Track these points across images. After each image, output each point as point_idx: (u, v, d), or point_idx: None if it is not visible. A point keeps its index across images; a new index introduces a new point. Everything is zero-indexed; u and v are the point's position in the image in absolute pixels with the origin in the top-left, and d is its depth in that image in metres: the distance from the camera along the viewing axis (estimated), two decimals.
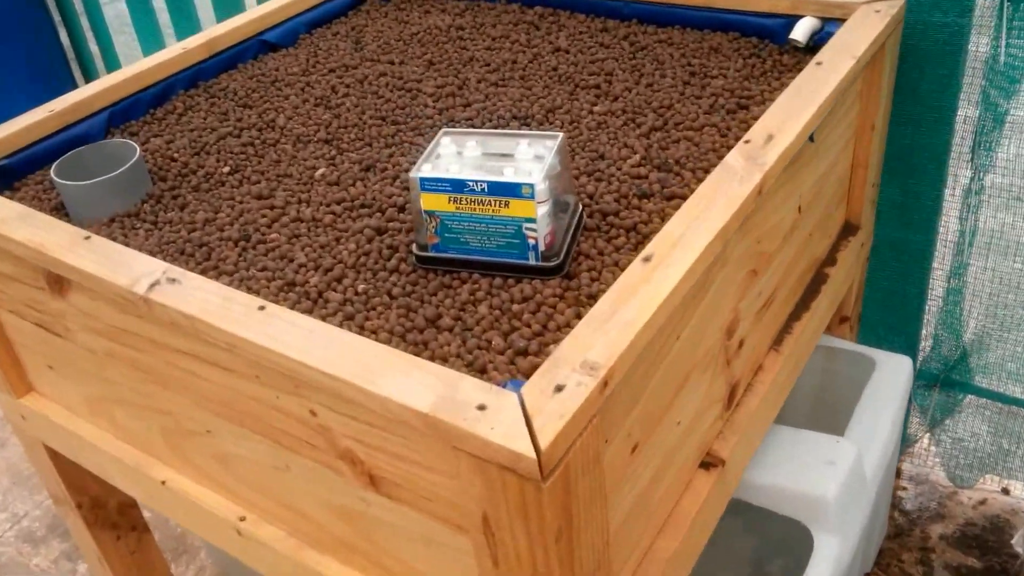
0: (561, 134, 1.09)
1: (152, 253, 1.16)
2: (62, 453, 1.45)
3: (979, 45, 1.43)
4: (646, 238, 1.09)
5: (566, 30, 1.61)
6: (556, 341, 0.95)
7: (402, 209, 1.20)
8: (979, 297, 1.69)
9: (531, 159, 1.06)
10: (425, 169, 1.05)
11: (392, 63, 1.59)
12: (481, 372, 0.94)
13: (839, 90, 1.22)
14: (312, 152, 1.37)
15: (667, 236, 0.98)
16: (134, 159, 1.26)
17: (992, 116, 1.45)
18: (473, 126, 1.38)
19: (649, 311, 0.88)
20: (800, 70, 1.38)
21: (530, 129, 1.35)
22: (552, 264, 1.04)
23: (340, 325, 1.01)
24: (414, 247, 1.10)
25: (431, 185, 1.03)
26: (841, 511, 1.35)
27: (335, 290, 1.08)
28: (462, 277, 1.07)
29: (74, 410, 1.36)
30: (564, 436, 0.77)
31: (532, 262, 1.04)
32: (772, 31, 1.48)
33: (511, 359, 0.95)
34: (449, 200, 1.03)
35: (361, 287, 1.07)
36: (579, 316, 0.99)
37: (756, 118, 1.28)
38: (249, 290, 1.08)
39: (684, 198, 1.15)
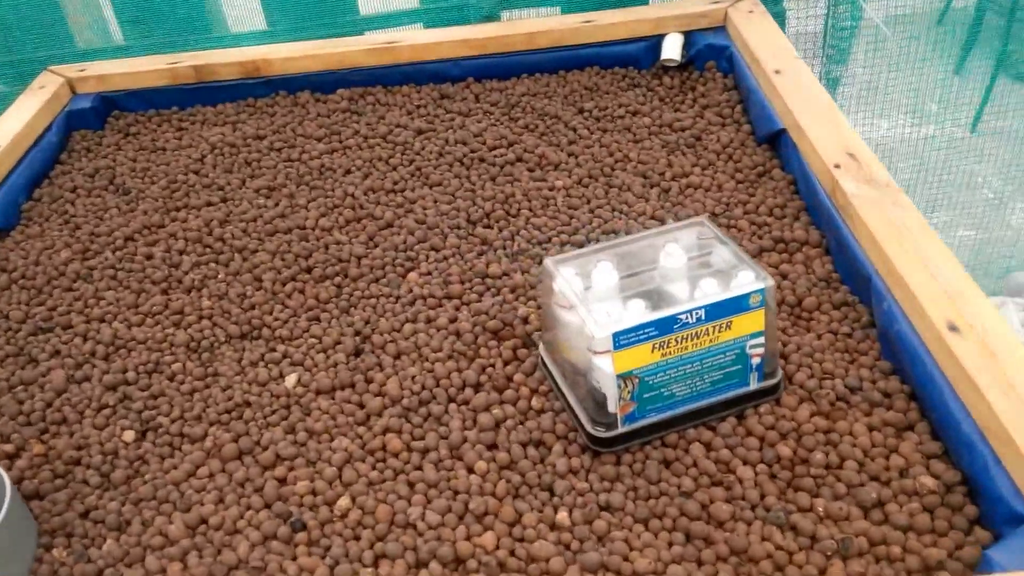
0: (703, 217, 0.83)
1: None
2: None
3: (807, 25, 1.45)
4: (796, 307, 0.89)
5: (398, 108, 1.29)
6: (905, 474, 0.71)
7: (478, 387, 0.83)
8: None
9: (687, 263, 0.79)
10: (600, 318, 0.72)
11: (212, 204, 1.12)
12: (885, 562, 0.67)
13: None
14: (238, 357, 0.90)
15: (927, 290, 0.78)
16: (7, 492, 0.69)
17: (828, 85, 1.48)
18: (435, 248, 1.02)
19: None
20: (698, 88, 1.27)
21: (495, 230, 1.03)
22: (775, 380, 0.79)
23: None
24: (587, 428, 0.76)
25: (629, 338, 0.71)
26: None
27: (527, 540, 0.70)
28: (668, 442, 0.76)
29: None
30: None
31: (753, 386, 0.78)
32: (634, 57, 1.33)
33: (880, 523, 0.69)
34: (653, 348, 0.72)
35: (562, 517, 0.71)
36: (871, 428, 0.76)
37: (725, 146, 1.14)
38: None
39: (775, 250, 0.96)
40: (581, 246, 1.00)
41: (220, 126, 1.28)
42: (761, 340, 0.76)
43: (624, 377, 0.73)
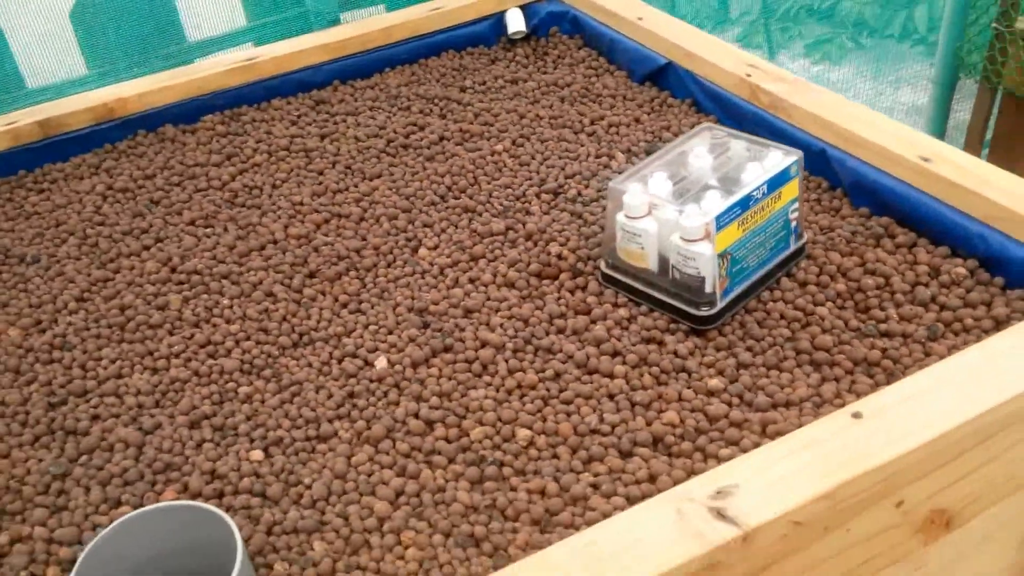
0: (708, 123, 1.03)
1: None
2: None
3: None
4: None
5: (279, 121, 1.35)
6: (935, 274, 0.97)
7: (564, 316, 0.97)
8: None
9: (717, 156, 1.00)
10: (692, 211, 0.90)
11: (149, 247, 1.12)
12: (964, 332, 0.91)
13: None
14: (306, 363, 0.95)
15: (888, 140, 1.05)
16: (238, 540, 0.71)
17: None
18: (426, 225, 1.12)
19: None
20: (552, 52, 1.49)
21: (467, 199, 1.16)
22: (804, 240, 1.02)
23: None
24: (691, 312, 0.93)
25: (726, 218, 0.90)
26: None
27: (698, 409, 0.86)
28: (750, 308, 0.96)
29: None
30: None
31: (792, 247, 1.00)
32: (483, 36, 1.51)
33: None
34: (738, 225, 0.91)
35: (714, 383, 0.88)
36: (889, 252, 1.01)
37: (614, 91, 1.37)
38: None
39: None
40: (555, 193, 1.16)
41: (89, 178, 1.26)
42: (797, 205, 0.98)
43: (721, 256, 0.91)
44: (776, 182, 0.94)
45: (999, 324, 0.90)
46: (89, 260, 1.11)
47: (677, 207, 0.91)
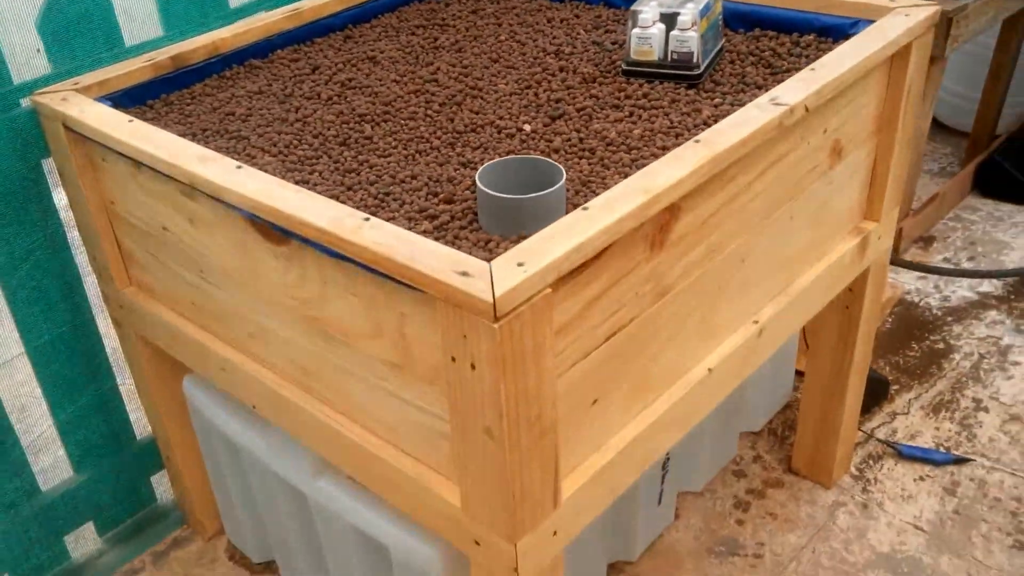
0: None
1: None
2: None
3: None
4: None
5: (328, 50, 1.87)
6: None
7: (622, 96, 1.61)
8: None
9: None
10: (686, 11, 1.59)
11: (315, 111, 1.62)
12: None
13: None
14: (482, 137, 1.51)
15: None
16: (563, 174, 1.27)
17: None
18: (504, 68, 1.71)
19: None
20: None
21: (515, 59, 1.77)
22: (723, 40, 1.74)
23: None
24: (691, 74, 1.61)
25: (701, 13, 1.59)
26: None
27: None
28: (711, 75, 1.66)
29: None
30: None
31: (720, 42, 1.71)
32: None
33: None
34: (705, 19, 1.61)
35: (708, 112, 1.56)
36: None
37: (547, 5, 2.03)
38: None
39: None
40: (556, 53, 1.79)
41: (221, 93, 1.72)
42: (720, 17, 1.69)
43: (700, 37, 1.60)
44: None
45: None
46: (277, 127, 1.58)
47: (677, 9, 1.59)
